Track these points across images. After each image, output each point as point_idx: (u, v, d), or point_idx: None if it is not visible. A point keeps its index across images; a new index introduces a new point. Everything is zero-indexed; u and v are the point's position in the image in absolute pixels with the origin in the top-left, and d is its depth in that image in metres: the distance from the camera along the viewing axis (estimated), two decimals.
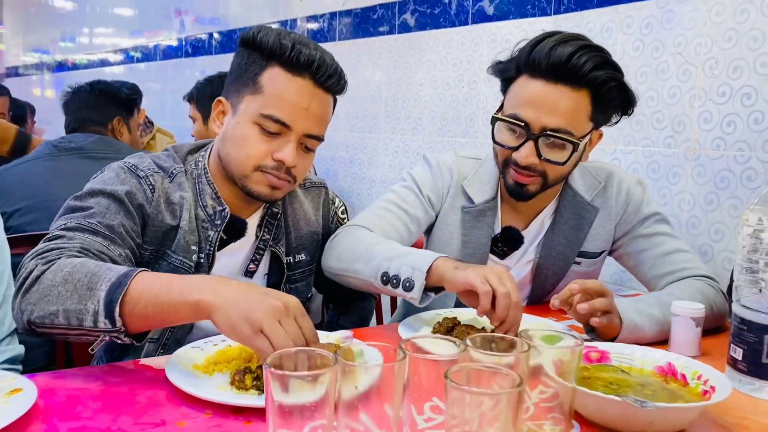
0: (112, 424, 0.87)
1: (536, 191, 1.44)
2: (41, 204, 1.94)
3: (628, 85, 1.40)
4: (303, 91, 1.23)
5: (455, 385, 0.70)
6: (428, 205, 1.55)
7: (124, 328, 0.99)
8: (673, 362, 1.05)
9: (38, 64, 7.19)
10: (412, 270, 1.24)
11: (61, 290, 1.00)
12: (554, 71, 1.33)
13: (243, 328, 0.91)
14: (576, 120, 1.36)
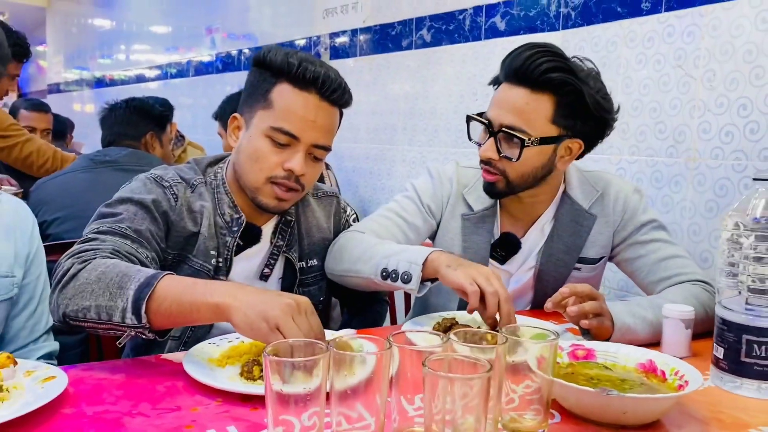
0: (133, 409, 0.97)
1: (503, 189, 1.52)
2: (78, 213, 2.07)
3: (588, 91, 1.43)
4: (309, 104, 1.33)
5: (430, 371, 0.79)
6: (428, 213, 1.63)
7: (148, 324, 1.08)
8: (654, 360, 1.11)
9: (78, 81, 7.46)
10: (409, 264, 1.34)
11: (94, 288, 1.11)
12: (516, 74, 1.44)
13: (261, 325, 1.01)
14: (532, 119, 1.44)
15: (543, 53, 1.42)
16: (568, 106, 1.44)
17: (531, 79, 1.42)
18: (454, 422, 0.79)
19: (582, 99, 1.43)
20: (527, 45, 1.46)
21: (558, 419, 0.99)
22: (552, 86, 1.42)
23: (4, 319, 1.25)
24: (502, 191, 1.53)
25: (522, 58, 1.42)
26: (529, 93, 1.43)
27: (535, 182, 1.52)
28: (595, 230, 1.60)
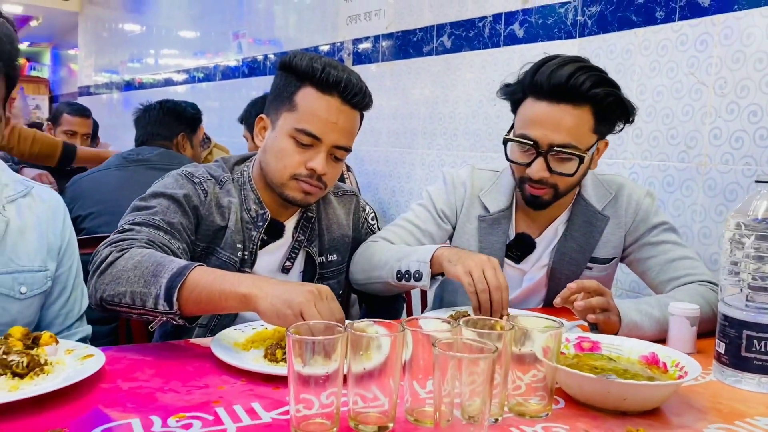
0: (165, 385, 1.04)
1: (550, 200, 1.58)
2: (111, 209, 2.17)
3: (625, 97, 1.52)
4: (332, 107, 1.40)
5: (440, 351, 0.85)
6: (442, 219, 1.70)
7: (179, 311, 1.16)
8: (657, 352, 1.16)
9: (108, 84, 7.63)
10: (418, 263, 1.44)
11: (130, 275, 1.18)
12: (556, 92, 1.47)
13: (286, 312, 1.07)
14: (580, 134, 1.49)
15: (582, 69, 1.46)
16: (606, 114, 1.50)
17: (574, 95, 1.46)
18: (462, 404, 0.85)
19: (622, 105, 1.50)
20: (559, 60, 1.49)
21: (562, 405, 1.04)
22: (594, 100, 1.47)
23: (38, 310, 1.32)
24: (549, 202, 1.58)
25: (563, 75, 1.45)
26: (572, 109, 1.47)
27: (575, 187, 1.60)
28: (608, 231, 1.65)
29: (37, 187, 1.36)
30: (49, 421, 0.89)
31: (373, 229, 1.74)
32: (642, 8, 2.01)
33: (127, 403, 0.96)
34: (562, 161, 1.51)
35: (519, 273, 1.70)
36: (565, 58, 1.51)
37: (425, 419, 0.94)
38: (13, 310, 1.24)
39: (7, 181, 1.29)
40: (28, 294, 1.27)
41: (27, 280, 1.26)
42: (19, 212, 1.28)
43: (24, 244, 1.27)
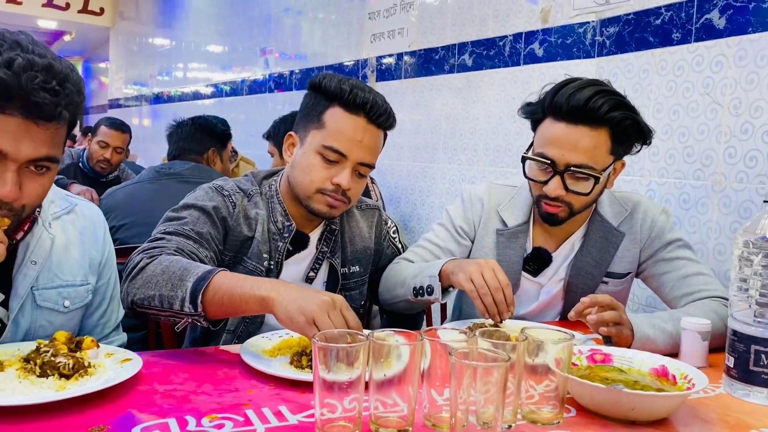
0: (197, 388, 1.11)
1: (565, 217, 1.63)
2: (143, 220, 2.26)
3: (642, 120, 1.56)
4: (358, 126, 1.48)
5: (456, 360, 0.90)
6: (460, 235, 1.77)
7: (204, 313, 1.23)
8: (667, 365, 1.20)
9: (137, 97, 7.81)
10: (429, 278, 1.52)
11: (159, 279, 1.26)
12: (574, 114, 1.52)
13: (299, 318, 1.13)
14: (596, 155, 1.54)
15: (601, 92, 1.51)
16: (623, 137, 1.55)
17: (592, 118, 1.51)
18: (477, 410, 0.90)
19: (638, 128, 1.55)
20: (578, 83, 1.54)
21: (573, 413, 1.09)
22: (612, 122, 1.52)
23: (80, 321, 1.40)
24: (564, 219, 1.63)
25: (582, 98, 1.50)
26: (590, 130, 1.52)
27: (591, 205, 1.65)
28: (623, 247, 1.69)
29: (80, 203, 1.43)
30: (93, 419, 0.97)
31: (394, 243, 1.80)
32: (659, 29, 2.05)
33: (163, 404, 1.03)
34: (578, 180, 1.56)
35: (536, 286, 1.75)
36: (584, 81, 1.56)
37: (442, 424, 0.99)
38: (57, 323, 1.31)
39: (53, 198, 1.36)
40: (71, 307, 1.34)
41: (70, 295, 1.34)
42: (64, 229, 1.35)
43: (68, 260, 1.34)
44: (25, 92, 1.04)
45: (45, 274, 1.29)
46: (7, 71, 1.03)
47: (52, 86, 1.06)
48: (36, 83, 1.04)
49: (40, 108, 1.06)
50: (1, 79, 1.03)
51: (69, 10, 8.30)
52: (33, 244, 1.28)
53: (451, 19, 2.94)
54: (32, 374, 1.05)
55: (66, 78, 1.09)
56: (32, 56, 1.06)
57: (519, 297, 1.75)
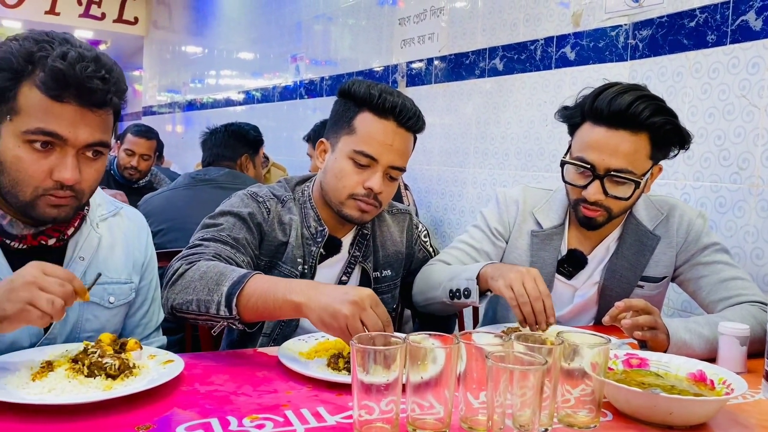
0: (237, 389, 1.14)
1: (603, 222, 1.63)
2: (180, 226, 2.31)
3: (682, 126, 1.56)
4: (388, 130, 1.50)
5: (493, 363, 0.92)
6: (496, 237, 1.77)
7: (239, 316, 1.25)
8: (705, 370, 1.20)
9: (171, 104, 7.95)
10: (467, 281, 1.53)
11: (196, 284, 1.30)
12: (615, 118, 1.52)
13: (333, 324, 1.16)
14: (636, 160, 1.54)
15: (642, 98, 1.52)
16: (663, 141, 1.55)
17: (633, 123, 1.52)
18: (513, 413, 0.91)
19: (678, 133, 1.55)
20: (619, 88, 1.54)
21: (610, 417, 1.09)
22: (652, 128, 1.52)
23: (123, 319, 1.45)
24: (603, 223, 1.63)
25: (624, 103, 1.50)
26: (630, 135, 1.53)
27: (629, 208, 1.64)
28: (659, 250, 1.68)
29: (125, 207, 1.50)
30: (138, 418, 1.00)
31: (426, 246, 1.81)
32: (693, 32, 2.04)
33: (205, 404, 1.06)
34: (618, 185, 1.56)
35: (570, 290, 1.74)
36: (625, 85, 1.56)
37: (479, 427, 1.00)
38: (102, 318, 1.38)
39: (100, 202, 1.43)
40: (116, 303, 1.40)
41: (115, 291, 1.40)
42: (110, 230, 1.42)
43: (113, 259, 1.40)
44: (79, 80, 1.14)
45: (92, 271, 1.35)
46: (63, 62, 1.13)
47: (101, 74, 1.17)
48: (88, 72, 1.15)
49: (94, 94, 1.17)
50: (59, 69, 1.13)
51: (104, 20, 8.50)
52: (81, 241, 1.35)
53: (481, 23, 2.95)
54: (80, 374, 1.09)
55: (112, 68, 1.21)
56: (81, 50, 1.17)
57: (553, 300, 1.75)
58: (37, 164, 1.17)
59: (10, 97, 1.16)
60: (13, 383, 1.06)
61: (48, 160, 1.17)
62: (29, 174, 1.17)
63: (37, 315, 1.04)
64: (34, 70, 1.15)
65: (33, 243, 1.27)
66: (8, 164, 1.18)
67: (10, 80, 1.15)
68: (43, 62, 1.14)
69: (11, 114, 1.16)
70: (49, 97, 1.14)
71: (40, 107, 1.15)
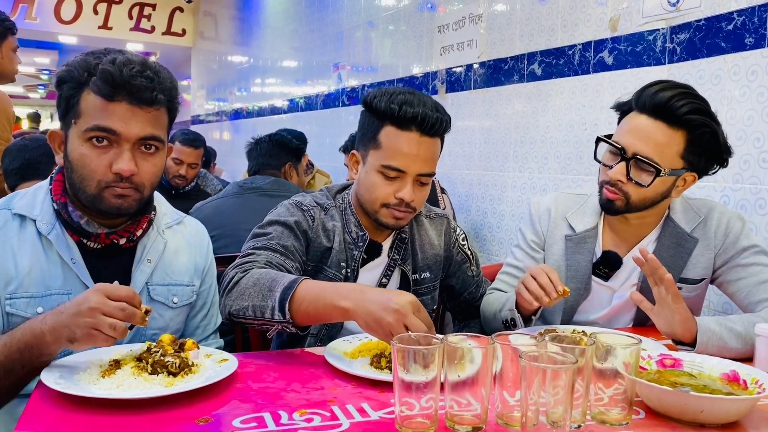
0: (287, 386, 1.22)
1: (621, 208, 1.66)
2: (230, 232, 2.42)
3: (721, 134, 1.58)
4: (412, 142, 1.55)
5: (526, 362, 0.97)
6: (534, 249, 1.83)
7: (292, 320, 1.33)
8: (738, 370, 1.22)
9: (218, 112, 8.15)
10: (510, 312, 1.61)
11: (251, 291, 1.38)
12: (655, 109, 1.57)
13: (379, 330, 1.23)
14: (665, 153, 1.57)
15: (686, 95, 1.57)
16: (699, 145, 1.58)
17: (671, 116, 1.56)
18: (546, 410, 0.96)
19: (715, 139, 1.57)
20: (668, 84, 1.60)
21: (642, 416, 1.13)
22: (689, 125, 1.56)
23: (184, 320, 1.56)
24: (620, 209, 1.66)
25: (665, 96, 1.56)
26: (666, 128, 1.57)
27: (651, 206, 1.66)
28: (697, 252, 1.70)
29: (188, 217, 1.63)
30: (197, 411, 1.09)
31: (464, 249, 1.86)
32: (731, 35, 2.04)
33: (258, 400, 1.15)
34: (641, 171, 1.60)
35: (608, 291, 1.77)
36: (674, 83, 1.61)
37: (514, 423, 1.06)
38: (166, 317, 1.49)
39: (165, 211, 1.56)
40: (179, 304, 1.51)
41: (178, 293, 1.51)
42: (174, 236, 1.54)
43: (177, 263, 1.52)
44: (126, 80, 1.29)
45: (158, 272, 1.48)
46: (112, 65, 1.29)
47: (147, 74, 1.31)
48: (134, 72, 1.30)
49: (141, 92, 1.30)
50: (109, 72, 1.28)
51: (154, 32, 8.80)
52: (149, 245, 1.47)
53: (519, 29, 2.99)
54: (144, 372, 1.18)
55: (159, 70, 1.35)
56: (130, 56, 1.34)
57: (591, 302, 1.79)
58: (98, 159, 1.31)
59: (74, 103, 1.32)
60: (85, 379, 1.16)
61: (107, 155, 1.32)
62: (92, 168, 1.32)
63: (102, 338, 1.16)
64: (91, 77, 1.30)
65: (106, 242, 1.40)
66: (75, 162, 1.33)
67: (74, 89, 1.32)
68: (96, 68, 1.30)
69: (75, 118, 1.32)
70: (103, 97, 1.29)
71: (96, 108, 1.30)
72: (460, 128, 3.37)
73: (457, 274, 1.86)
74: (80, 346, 1.18)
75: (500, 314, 1.65)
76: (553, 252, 1.80)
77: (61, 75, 1.33)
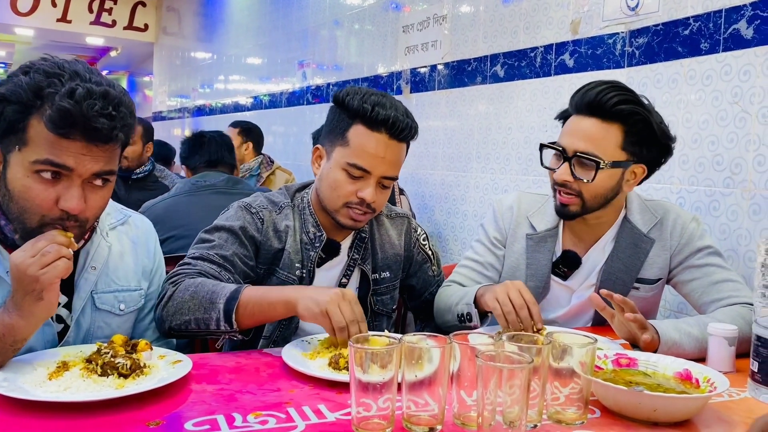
0: (243, 388, 1.20)
1: (578, 211, 1.68)
2: (188, 232, 2.38)
3: (656, 122, 1.62)
4: (380, 143, 1.55)
5: (482, 362, 0.97)
6: (496, 246, 1.84)
7: (238, 328, 1.37)
8: (691, 369, 1.24)
9: (180, 109, 8.03)
10: (467, 306, 1.62)
11: (190, 305, 1.41)
12: (588, 107, 1.63)
13: (314, 309, 1.31)
14: (604, 146, 1.61)
15: (612, 88, 1.61)
16: (637, 134, 1.62)
17: (603, 111, 1.61)
18: (503, 410, 0.96)
19: (650, 127, 1.61)
20: (596, 82, 1.65)
21: (598, 414, 1.14)
22: (622, 117, 1.60)
23: (133, 324, 1.50)
24: (576, 213, 1.69)
25: (594, 92, 1.61)
26: (600, 122, 1.62)
27: (605, 203, 1.68)
28: (653, 253, 1.73)
29: (133, 215, 1.56)
30: (149, 414, 1.06)
31: (424, 249, 1.86)
32: (687, 40, 2.08)
33: (212, 402, 1.12)
34: (584, 168, 1.63)
35: (567, 291, 1.79)
36: (602, 81, 1.66)
37: (471, 423, 1.05)
38: (113, 325, 1.43)
39: (109, 210, 1.48)
40: (126, 310, 1.46)
41: (125, 299, 1.46)
42: (119, 238, 1.48)
43: (123, 267, 1.46)
44: (85, 119, 1.16)
45: (103, 279, 1.42)
46: (70, 101, 1.15)
47: (108, 112, 1.18)
48: (95, 110, 1.16)
49: (99, 132, 1.18)
50: (66, 108, 1.15)
51: (115, 27, 8.61)
52: (92, 251, 1.40)
53: (483, 31, 3.00)
54: (94, 373, 1.15)
55: (120, 102, 1.21)
56: (90, 85, 1.18)
57: (550, 302, 1.80)
58: (45, 193, 1.20)
59: (20, 128, 1.18)
60: (31, 382, 1.12)
61: (55, 189, 1.20)
62: (36, 203, 1.20)
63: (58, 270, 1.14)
64: (43, 105, 1.17)
65: None
66: (17, 193, 1.21)
67: (20, 113, 1.18)
68: (51, 99, 1.16)
69: (20, 145, 1.19)
70: (57, 135, 1.17)
71: (47, 141, 1.17)
72: (424, 129, 3.34)
73: (418, 274, 1.85)
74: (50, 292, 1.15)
75: (456, 308, 1.65)
76: (514, 250, 1.81)
77: (5, 94, 1.18)
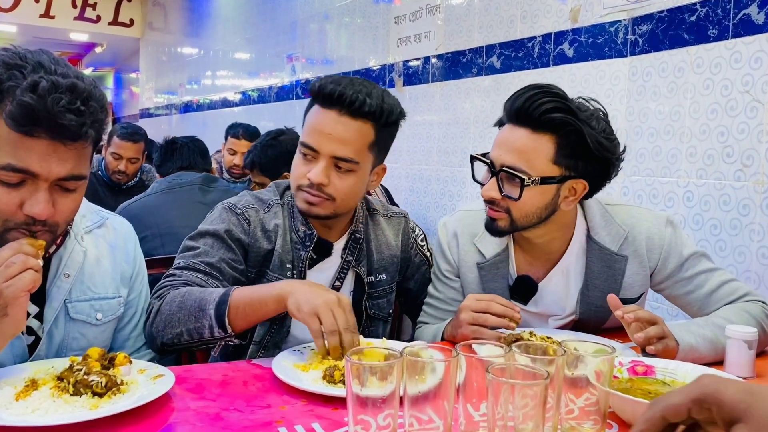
0: (230, 405, 1.10)
1: (506, 227, 1.51)
2: (164, 231, 2.31)
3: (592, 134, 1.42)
4: (328, 119, 1.44)
5: (493, 377, 0.88)
6: (450, 279, 1.68)
7: (233, 332, 1.29)
8: None
9: (167, 105, 7.93)
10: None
11: (179, 317, 1.32)
12: (517, 115, 1.44)
13: (305, 309, 1.21)
14: (533, 160, 1.43)
15: (543, 94, 1.42)
16: (570, 147, 1.43)
17: (532, 120, 1.42)
18: (515, 427, 0.88)
19: (583, 139, 1.41)
20: (529, 86, 1.46)
21: (616, 429, 1.06)
22: (552, 127, 1.42)
23: (112, 334, 1.40)
24: (505, 230, 1.52)
25: (523, 99, 1.43)
26: (529, 133, 1.43)
27: (539, 221, 1.51)
28: (630, 271, 1.57)
29: (111, 217, 1.45)
30: None
31: (422, 250, 1.76)
32: (694, 26, 2.00)
33: (196, 422, 1.03)
34: (512, 184, 1.46)
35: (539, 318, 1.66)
36: (536, 84, 1.47)
37: None
38: (89, 335, 1.33)
39: (84, 212, 1.37)
40: (104, 320, 1.35)
41: (103, 307, 1.35)
42: (95, 242, 1.37)
43: (100, 273, 1.36)
44: (51, 115, 1.05)
45: (78, 287, 1.31)
46: (32, 95, 1.03)
47: (76, 107, 1.07)
48: (61, 105, 1.05)
49: (66, 129, 1.07)
50: (27, 104, 1.03)
51: (100, 22, 8.48)
52: (66, 257, 1.30)
53: (478, 21, 2.91)
54: (66, 393, 1.05)
55: (90, 96, 1.10)
56: (56, 77, 1.06)
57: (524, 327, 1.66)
58: (7, 197, 1.09)
59: None
60: None
61: (19, 193, 1.10)
62: None
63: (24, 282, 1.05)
64: (3, 100, 1.06)
65: None
66: None
67: None
68: (12, 93, 1.05)
69: None
70: (19, 132, 1.06)
71: (9, 141, 1.06)
72: (418, 122, 3.29)
73: (416, 276, 1.76)
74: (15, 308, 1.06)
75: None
76: (468, 280, 1.65)
77: None
